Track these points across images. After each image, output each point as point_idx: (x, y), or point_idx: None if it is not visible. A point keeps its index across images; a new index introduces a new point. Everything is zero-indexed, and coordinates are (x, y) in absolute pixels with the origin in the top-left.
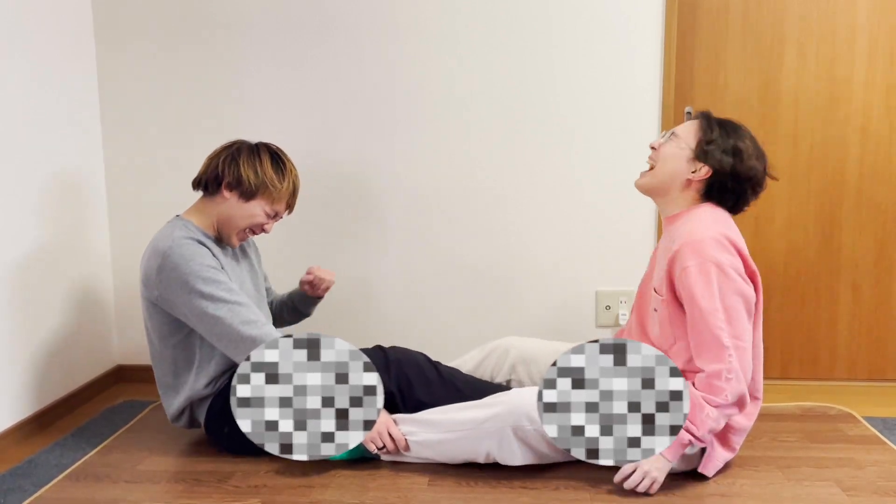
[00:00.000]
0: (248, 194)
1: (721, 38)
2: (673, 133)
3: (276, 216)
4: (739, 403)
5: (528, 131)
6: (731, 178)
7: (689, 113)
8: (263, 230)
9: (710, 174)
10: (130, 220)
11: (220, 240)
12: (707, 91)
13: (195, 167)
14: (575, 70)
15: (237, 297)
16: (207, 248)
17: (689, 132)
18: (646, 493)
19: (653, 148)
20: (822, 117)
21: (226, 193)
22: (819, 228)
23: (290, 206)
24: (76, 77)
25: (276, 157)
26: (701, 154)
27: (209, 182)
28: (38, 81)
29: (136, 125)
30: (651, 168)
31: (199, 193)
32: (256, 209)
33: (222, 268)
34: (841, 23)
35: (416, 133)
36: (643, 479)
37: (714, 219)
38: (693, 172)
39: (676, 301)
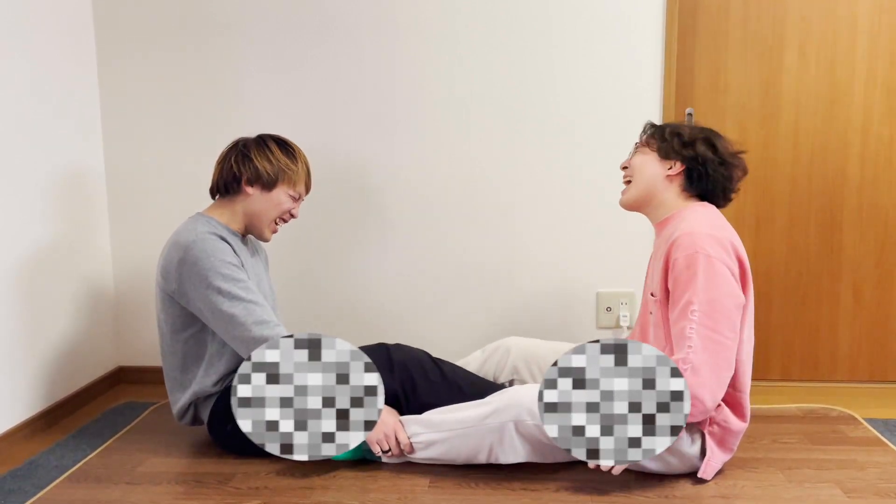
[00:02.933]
0: (269, 184)
1: (721, 38)
2: (634, 145)
3: (299, 198)
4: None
5: (528, 132)
6: (701, 164)
7: (689, 114)
8: (292, 215)
9: (683, 167)
10: (131, 221)
11: (245, 235)
12: (707, 92)
13: (196, 167)
14: (575, 70)
15: (253, 297)
16: (229, 244)
17: (642, 140)
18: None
19: (624, 167)
20: (822, 118)
21: (248, 190)
22: (820, 230)
23: (307, 186)
24: (76, 77)
25: (282, 143)
26: (665, 152)
27: (228, 184)
28: (39, 81)
29: (137, 125)
30: (629, 183)
31: (196, 196)
32: (281, 196)
33: (242, 265)
34: (841, 24)
35: (416, 133)
36: None
37: (706, 215)
38: (669, 169)
39: (668, 298)
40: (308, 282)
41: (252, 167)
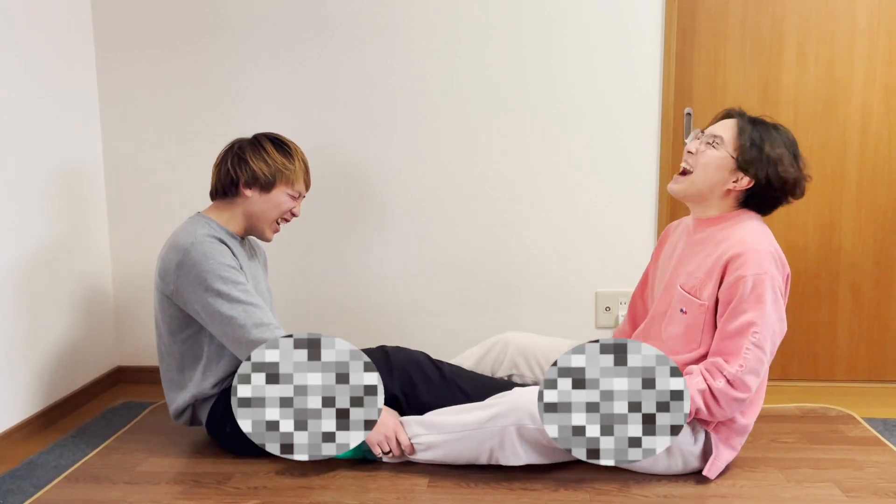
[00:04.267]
0: (267, 186)
1: (721, 38)
2: (714, 136)
3: (299, 196)
4: (720, 399)
5: (528, 132)
6: (769, 188)
7: (688, 114)
8: (293, 214)
9: (751, 184)
10: (130, 221)
11: (244, 238)
12: (707, 91)
13: (195, 166)
14: (575, 70)
15: (252, 299)
16: (228, 246)
17: (729, 137)
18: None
19: (690, 152)
20: (821, 118)
21: (247, 192)
22: (819, 229)
23: (307, 183)
24: (75, 75)
25: (278, 142)
26: (743, 164)
27: (226, 188)
28: (37, 80)
29: (136, 124)
30: (685, 172)
31: (196, 195)
32: (280, 196)
33: (241, 268)
34: (840, 24)
35: (416, 134)
36: None
37: (764, 230)
38: (734, 182)
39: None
40: (307, 282)
41: (249, 170)
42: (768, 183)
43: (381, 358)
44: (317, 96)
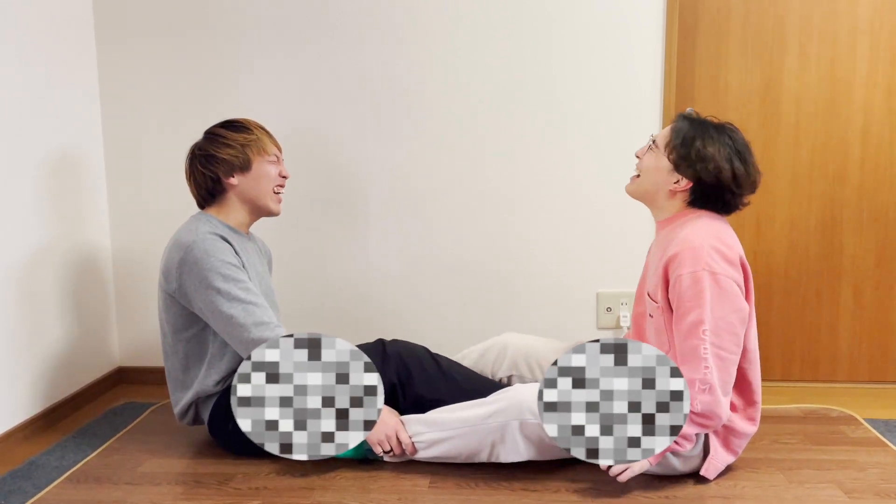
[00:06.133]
0: (244, 164)
1: (722, 38)
2: (653, 140)
3: (278, 159)
4: (709, 416)
5: (528, 132)
6: (710, 186)
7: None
8: (283, 177)
9: (690, 185)
10: (131, 221)
11: (249, 231)
12: (708, 92)
13: None
14: (576, 70)
15: (253, 298)
16: (230, 244)
17: (664, 140)
18: (654, 488)
19: (637, 157)
20: (823, 119)
21: (232, 180)
22: (820, 230)
23: (276, 145)
24: (75, 69)
25: (228, 124)
26: (677, 164)
27: (210, 189)
28: (37, 73)
29: (137, 120)
30: (638, 176)
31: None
32: (262, 167)
33: (244, 266)
34: (842, 24)
35: (416, 133)
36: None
37: (710, 225)
38: (675, 183)
39: (671, 308)
40: (307, 282)
41: (220, 161)
42: (706, 181)
43: (379, 348)
44: (317, 95)
